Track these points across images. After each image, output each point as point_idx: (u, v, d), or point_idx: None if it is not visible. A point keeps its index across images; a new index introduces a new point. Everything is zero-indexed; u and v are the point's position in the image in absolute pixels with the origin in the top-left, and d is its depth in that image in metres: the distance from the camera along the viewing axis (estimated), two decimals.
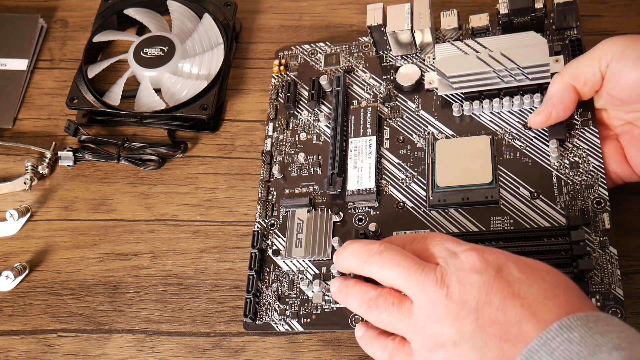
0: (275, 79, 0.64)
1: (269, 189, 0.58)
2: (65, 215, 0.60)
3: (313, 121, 0.60)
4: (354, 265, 0.46)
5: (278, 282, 0.53)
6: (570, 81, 0.51)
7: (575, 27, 0.58)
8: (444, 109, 0.58)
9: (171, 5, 0.67)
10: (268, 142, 0.60)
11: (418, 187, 0.55)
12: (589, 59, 0.50)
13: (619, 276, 0.47)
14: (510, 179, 0.53)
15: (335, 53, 0.64)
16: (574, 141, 0.53)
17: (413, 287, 0.42)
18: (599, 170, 0.51)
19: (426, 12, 0.58)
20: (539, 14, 0.57)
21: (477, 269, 0.41)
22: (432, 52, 0.60)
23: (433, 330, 0.41)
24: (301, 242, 0.54)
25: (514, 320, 0.39)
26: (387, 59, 0.62)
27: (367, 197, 0.55)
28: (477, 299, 0.40)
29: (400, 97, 0.60)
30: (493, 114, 0.56)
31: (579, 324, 0.38)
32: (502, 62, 0.54)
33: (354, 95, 0.61)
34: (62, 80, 0.68)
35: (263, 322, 0.52)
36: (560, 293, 0.40)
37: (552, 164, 0.53)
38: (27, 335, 0.55)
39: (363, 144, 0.57)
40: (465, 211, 0.52)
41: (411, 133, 0.57)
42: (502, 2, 0.57)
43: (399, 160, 0.56)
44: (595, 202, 0.50)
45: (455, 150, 0.54)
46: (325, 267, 0.53)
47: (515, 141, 0.54)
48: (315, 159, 0.58)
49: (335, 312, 0.51)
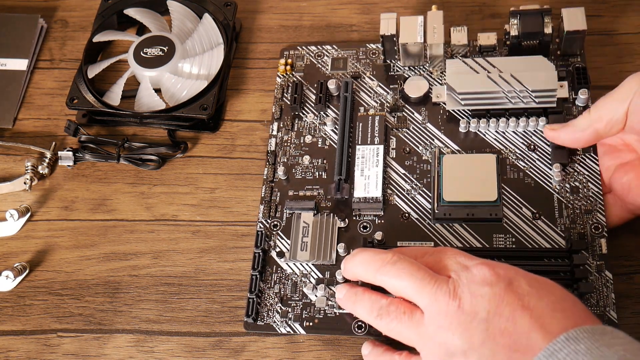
0: (280, 78, 0.64)
1: (272, 189, 0.58)
2: (65, 215, 0.60)
3: (319, 124, 0.60)
4: (365, 273, 0.47)
5: (280, 284, 0.53)
6: (593, 123, 0.51)
7: (579, 54, 0.60)
8: (450, 124, 0.58)
9: (171, 5, 0.67)
10: (272, 141, 0.60)
11: (423, 199, 0.55)
12: (612, 99, 0.50)
13: (613, 299, 0.49)
14: (513, 198, 0.54)
15: (342, 57, 0.64)
16: (575, 166, 0.55)
17: (425, 297, 0.43)
18: (598, 196, 0.53)
19: (440, 27, 0.59)
20: (547, 39, 0.58)
21: (488, 282, 0.42)
22: (440, 66, 0.61)
23: (443, 340, 0.41)
24: (307, 246, 0.54)
25: (523, 331, 0.40)
26: (395, 68, 0.62)
27: (373, 206, 0.55)
28: (488, 310, 0.41)
29: (407, 108, 0.60)
30: (498, 133, 0.57)
31: (585, 336, 0.38)
32: (512, 83, 0.55)
33: (361, 101, 0.61)
34: (62, 80, 0.68)
35: (264, 323, 0.52)
36: (567, 307, 0.41)
37: (554, 187, 0.54)
38: (27, 335, 0.55)
39: (370, 152, 0.57)
40: (469, 227, 0.53)
41: (417, 145, 0.58)
42: (513, 24, 0.58)
43: (405, 171, 0.57)
44: (593, 227, 0.52)
45: (461, 166, 0.55)
46: (329, 272, 0.53)
47: (519, 161, 0.56)
48: (321, 163, 0.58)
49: (338, 318, 0.51)
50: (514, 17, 0.58)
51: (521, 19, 0.58)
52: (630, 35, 0.65)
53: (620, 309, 0.49)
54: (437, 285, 0.43)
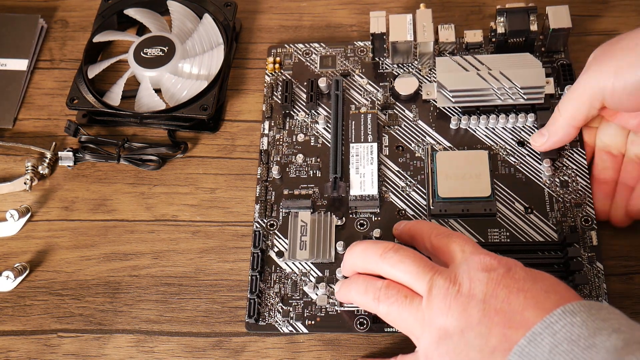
0: (269, 76, 0.64)
1: (267, 188, 0.58)
2: (66, 216, 0.60)
3: (311, 123, 0.61)
4: (364, 262, 0.47)
5: (280, 284, 0.53)
6: (569, 124, 0.53)
7: (562, 50, 0.62)
8: (440, 121, 0.59)
9: (171, 5, 0.67)
10: (264, 140, 0.60)
11: (418, 195, 0.56)
12: (579, 101, 0.51)
13: (605, 290, 0.51)
14: (505, 193, 0.55)
15: (330, 55, 0.64)
16: (564, 161, 0.56)
17: (425, 283, 0.44)
18: (586, 189, 0.55)
19: (429, 25, 0.61)
20: (533, 36, 0.60)
21: (487, 268, 0.43)
22: (428, 63, 0.62)
23: (442, 323, 0.42)
24: (305, 245, 0.54)
25: (518, 310, 0.40)
26: (384, 66, 0.63)
27: (370, 203, 0.55)
28: (485, 292, 0.42)
29: (398, 106, 0.61)
30: (488, 129, 0.59)
31: (582, 310, 0.39)
32: (501, 80, 0.57)
33: (351, 99, 0.61)
34: (62, 80, 0.68)
35: (266, 323, 0.52)
36: (561, 290, 0.42)
37: (544, 182, 0.56)
38: (27, 335, 0.55)
39: (365, 150, 0.58)
40: (464, 222, 0.54)
41: (410, 142, 0.59)
42: (499, 22, 0.60)
43: (399, 168, 0.58)
44: (583, 220, 0.54)
45: (454, 162, 0.56)
46: (329, 270, 0.53)
47: (510, 157, 0.57)
48: (314, 162, 0.58)
49: (339, 315, 0.52)
50: (500, 15, 0.60)
51: (507, 16, 0.60)
52: None
53: (620, 309, 0.49)
54: (438, 272, 0.44)
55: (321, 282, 0.53)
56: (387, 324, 0.50)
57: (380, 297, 0.45)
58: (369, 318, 0.51)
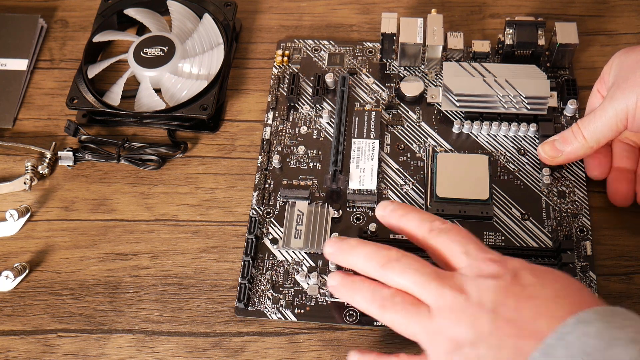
0: (277, 68, 0.64)
1: (266, 177, 0.58)
2: (65, 216, 0.60)
3: (315, 116, 0.61)
4: (366, 267, 0.46)
5: (272, 271, 0.54)
6: (594, 146, 0.53)
7: (567, 67, 0.63)
8: (443, 124, 0.60)
9: (171, 5, 0.67)
10: (267, 130, 0.61)
11: (416, 194, 0.57)
12: (608, 128, 0.52)
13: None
14: (503, 198, 0.56)
15: (339, 53, 0.65)
16: (562, 172, 0.57)
17: (432, 293, 0.43)
18: (583, 201, 0.56)
19: (440, 30, 0.61)
20: (540, 50, 0.61)
21: (494, 275, 0.42)
22: (435, 68, 0.63)
23: (451, 334, 0.42)
24: (300, 234, 0.54)
25: (529, 319, 0.40)
26: (391, 67, 0.64)
27: (368, 198, 0.56)
28: (494, 301, 0.41)
29: (402, 106, 0.62)
30: (489, 136, 0.59)
31: (595, 318, 0.39)
32: (506, 88, 0.57)
33: (357, 97, 0.62)
34: (62, 80, 0.68)
35: (255, 309, 0.53)
36: (572, 293, 0.41)
37: (542, 190, 0.56)
38: (27, 335, 0.55)
39: (366, 146, 0.58)
40: (461, 223, 0.55)
41: (411, 142, 0.60)
42: (508, 33, 0.61)
43: (399, 167, 0.58)
44: (578, 230, 0.54)
45: (455, 165, 0.57)
46: (322, 261, 0.54)
47: (509, 164, 0.58)
48: (315, 154, 0.59)
49: (329, 306, 0.52)
50: (509, 27, 0.61)
51: (516, 29, 0.61)
52: (630, 35, 0.65)
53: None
54: (444, 280, 0.43)
55: (313, 271, 0.53)
56: (375, 318, 0.49)
57: (386, 305, 0.44)
58: (358, 311, 0.51)
